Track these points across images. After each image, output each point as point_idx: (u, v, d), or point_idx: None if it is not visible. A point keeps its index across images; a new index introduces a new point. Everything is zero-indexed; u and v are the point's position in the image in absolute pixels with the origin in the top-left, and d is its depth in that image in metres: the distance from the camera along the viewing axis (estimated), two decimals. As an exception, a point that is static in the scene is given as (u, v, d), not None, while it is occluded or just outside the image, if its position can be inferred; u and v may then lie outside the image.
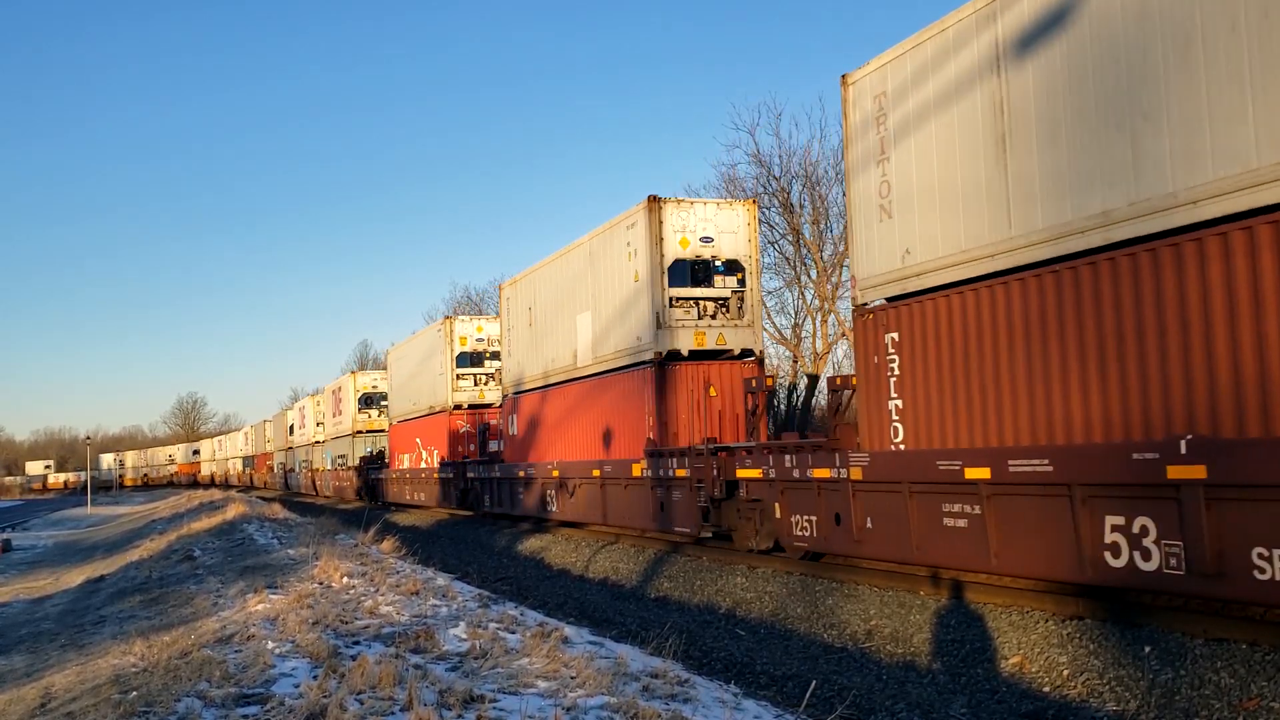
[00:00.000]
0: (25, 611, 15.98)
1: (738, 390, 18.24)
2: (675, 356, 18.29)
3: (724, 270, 18.69)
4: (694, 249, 18.57)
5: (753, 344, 18.81)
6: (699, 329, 18.45)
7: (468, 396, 32.16)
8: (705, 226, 18.75)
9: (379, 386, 46.83)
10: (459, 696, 6.53)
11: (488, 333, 32.52)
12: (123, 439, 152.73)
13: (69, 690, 8.21)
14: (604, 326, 20.49)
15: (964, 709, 8.46)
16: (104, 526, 43.33)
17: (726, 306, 18.81)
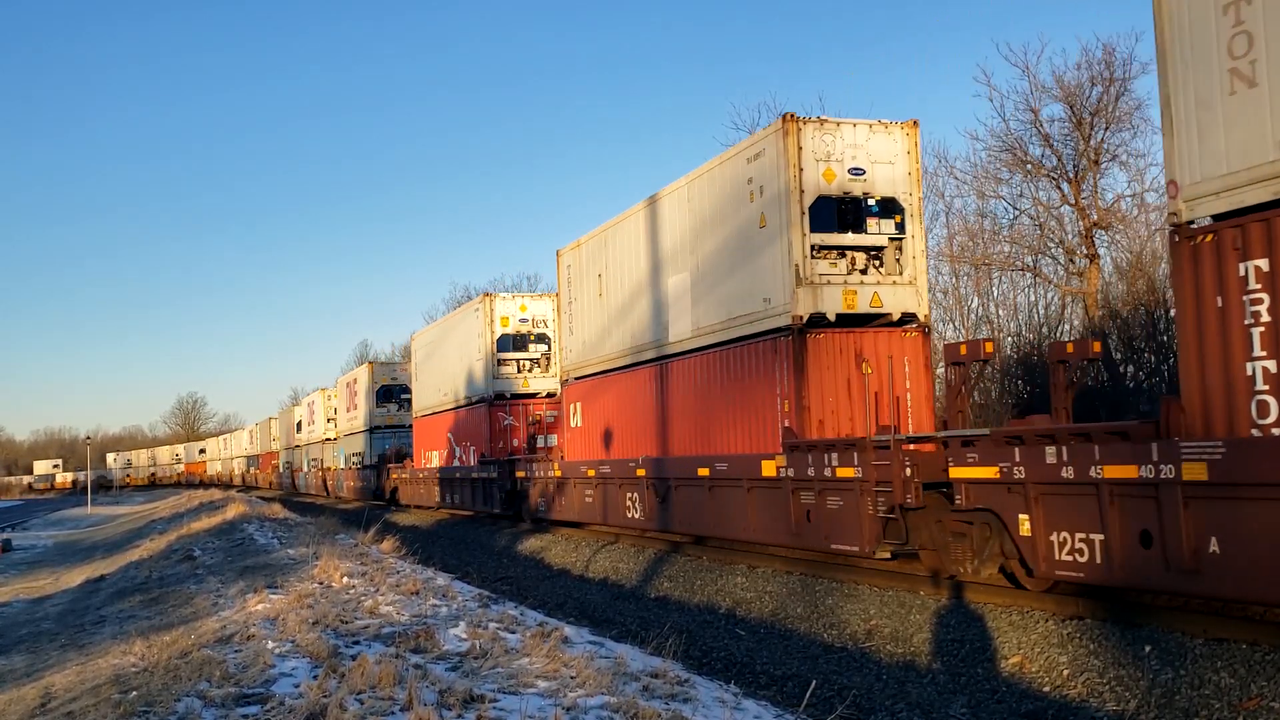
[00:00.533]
0: (25, 611, 15.98)
1: (897, 365, 14.47)
2: (819, 322, 14.21)
3: (878, 211, 14.76)
4: (841, 183, 14.47)
5: (915, 306, 14.75)
6: (848, 286, 14.40)
7: (511, 385, 28.31)
8: (855, 155, 14.64)
9: (399, 378, 42.94)
10: (459, 696, 6.53)
11: (533, 312, 28.47)
12: (123, 439, 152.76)
13: (69, 690, 8.21)
14: (710, 289, 16.48)
15: (964, 709, 8.46)
16: (104, 526, 43.34)
17: (881, 258, 14.86)
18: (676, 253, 17.53)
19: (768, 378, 14.76)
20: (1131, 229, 27.15)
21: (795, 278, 14.11)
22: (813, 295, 14.19)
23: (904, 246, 14.80)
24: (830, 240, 14.47)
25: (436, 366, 33.49)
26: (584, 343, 21.66)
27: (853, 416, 14.23)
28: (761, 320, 14.86)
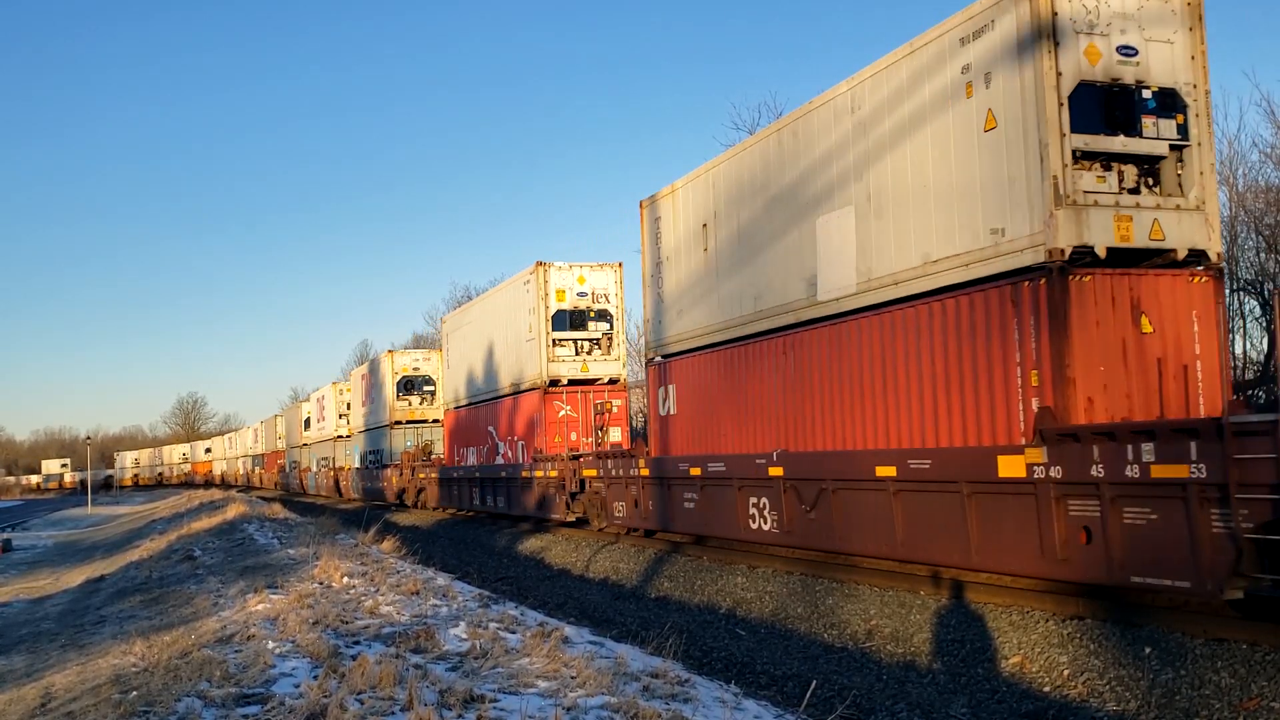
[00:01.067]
0: (25, 611, 15.98)
1: (1183, 322, 10.63)
2: (1081, 260, 10.26)
3: (1155, 107, 10.59)
4: (1107, 67, 10.45)
5: (1206, 241, 10.70)
6: (1120, 213, 10.39)
7: (568, 369, 24.40)
8: (1125, 29, 10.34)
9: (422, 368, 39.29)
10: (459, 696, 6.53)
11: (593, 284, 24.73)
12: (123, 439, 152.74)
13: (69, 690, 8.22)
14: (894, 227, 12.29)
15: (964, 709, 8.46)
16: (104, 526, 43.34)
17: (1156, 176, 10.87)
18: (837, 180, 13.32)
19: (995, 340, 10.81)
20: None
21: (1054, 195, 10.13)
22: (1077, 221, 10.21)
23: (1188, 157, 10.84)
24: (1096, 145, 10.47)
25: (473, 351, 29.90)
26: (682, 312, 17.76)
27: (1130, 393, 10.35)
28: (991, 260, 10.84)
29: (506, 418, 26.82)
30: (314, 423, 55.98)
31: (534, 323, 24.64)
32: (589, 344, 24.84)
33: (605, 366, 24.90)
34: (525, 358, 25.41)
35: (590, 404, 24.09)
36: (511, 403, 26.50)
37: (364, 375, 44.32)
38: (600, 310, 24.87)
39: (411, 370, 39.43)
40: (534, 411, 24.72)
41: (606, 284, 25.11)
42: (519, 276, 26.19)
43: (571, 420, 24.46)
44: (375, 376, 41.49)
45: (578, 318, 24.72)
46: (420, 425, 38.94)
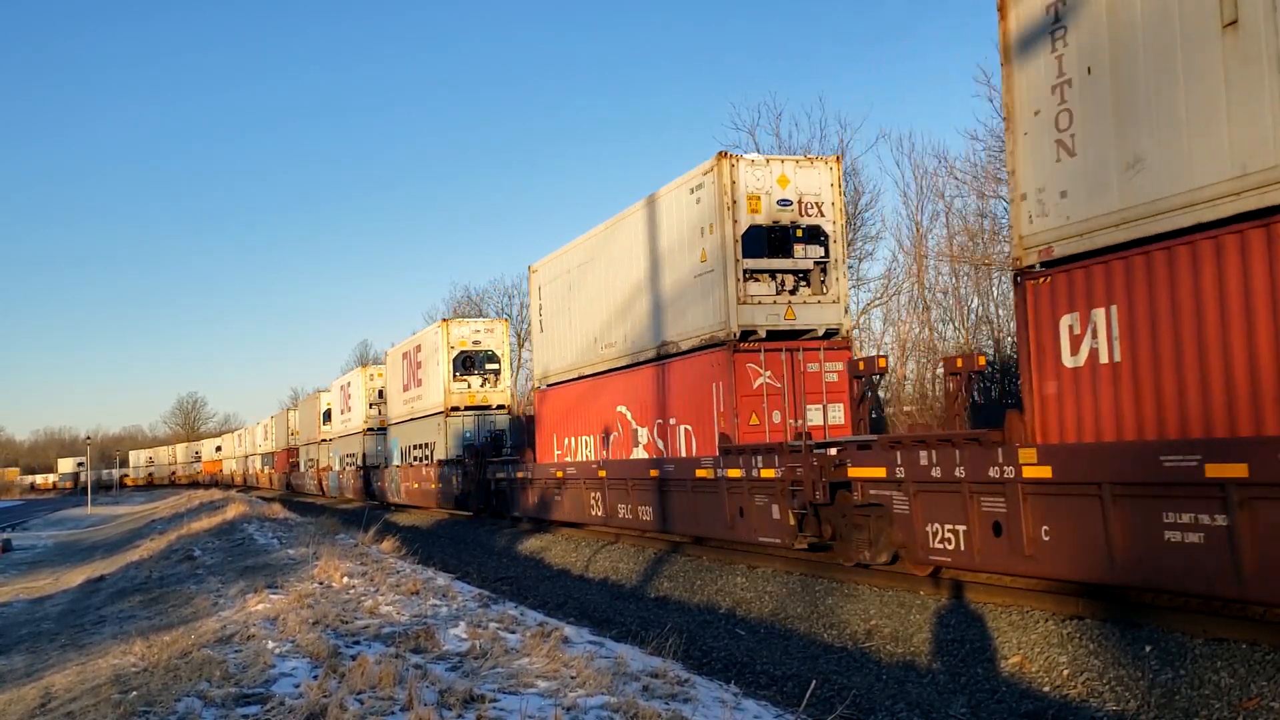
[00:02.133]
0: (25, 611, 15.98)
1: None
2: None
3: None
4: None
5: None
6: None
7: (767, 316, 16.26)
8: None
9: (484, 342, 32.51)
10: (459, 696, 6.53)
11: (801, 188, 16.59)
12: (123, 439, 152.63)
13: (69, 690, 8.22)
14: None
15: (964, 709, 8.47)
16: (104, 526, 43.34)
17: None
18: None
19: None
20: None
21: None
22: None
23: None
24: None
25: (591, 303, 21.64)
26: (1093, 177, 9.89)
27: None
28: None
29: (653, 393, 18.79)
30: (337, 415, 49.55)
31: (714, 246, 16.32)
32: (793, 279, 16.48)
33: (819, 312, 16.52)
34: (693, 302, 17.13)
35: (799, 368, 16.24)
36: (660, 372, 18.44)
37: (406, 354, 36.88)
38: (812, 227, 16.44)
39: (471, 344, 32.26)
40: (710, 380, 16.58)
41: (819, 187, 16.59)
42: (683, 181, 17.53)
43: (773, 392, 16.15)
44: (423, 353, 34.37)
45: (779, 240, 16.28)
46: (482, 412, 32.18)
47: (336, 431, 49.47)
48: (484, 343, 32.61)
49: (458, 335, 32.57)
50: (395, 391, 38.69)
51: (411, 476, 35.25)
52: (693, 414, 17.43)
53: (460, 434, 31.78)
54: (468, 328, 33.03)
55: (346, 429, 47.06)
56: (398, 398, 38.13)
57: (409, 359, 36.50)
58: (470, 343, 32.49)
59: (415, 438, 35.32)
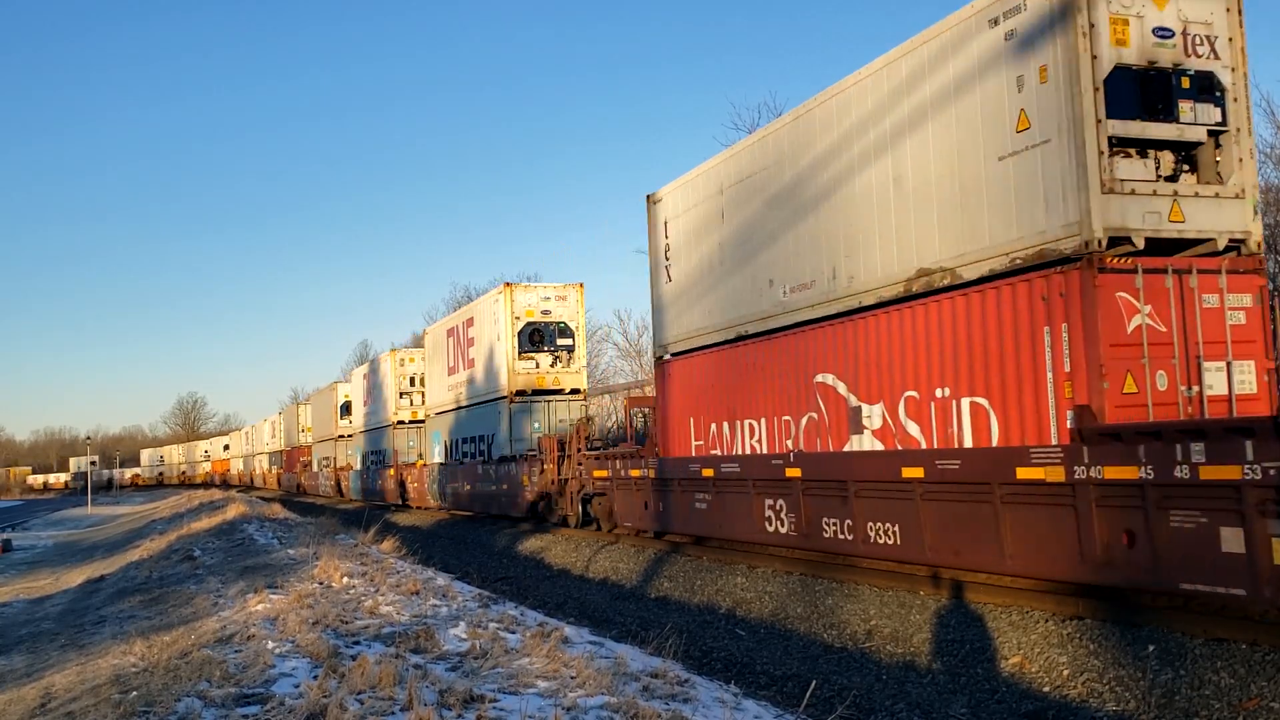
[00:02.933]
0: (25, 611, 15.98)
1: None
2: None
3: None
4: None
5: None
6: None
7: (1145, 215, 9.84)
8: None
9: (555, 312, 26.71)
10: (459, 696, 6.53)
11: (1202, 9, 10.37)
12: (123, 439, 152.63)
13: (69, 690, 8.22)
14: None
15: (964, 709, 8.46)
16: (104, 527, 43.34)
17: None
18: None
19: None
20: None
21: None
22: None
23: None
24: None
25: (767, 229, 15.17)
26: None
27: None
28: None
29: (899, 350, 12.20)
30: (358, 407, 44.48)
31: (1043, 102, 10.18)
32: (1174, 158, 10.43)
33: (1216, 211, 10.26)
34: (996, 199, 10.82)
35: (1191, 301, 9.89)
36: (917, 316, 11.88)
37: (452, 330, 31.56)
38: (1202, 74, 10.28)
39: (540, 314, 26.65)
40: (1038, 322, 10.32)
41: (1209, 12, 10.49)
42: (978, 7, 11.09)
43: (1157, 340, 9.81)
44: (476, 328, 28.82)
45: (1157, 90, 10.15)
46: (551, 397, 26.60)
47: (358, 425, 44.35)
48: (555, 313, 26.61)
49: (524, 303, 26.49)
50: (437, 375, 33.05)
51: (462, 476, 29.25)
52: (992, 380, 10.87)
53: (530, 425, 26.17)
54: (535, 294, 26.84)
55: (371, 422, 41.62)
56: (440, 383, 32.69)
57: (456, 336, 30.86)
58: (539, 312, 26.59)
59: (466, 429, 29.85)
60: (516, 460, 24.77)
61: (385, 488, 38.46)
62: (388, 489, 38.02)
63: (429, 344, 35.10)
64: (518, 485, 24.34)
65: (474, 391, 29.19)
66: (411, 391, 37.81)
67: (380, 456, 39.97)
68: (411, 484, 35.01)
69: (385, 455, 39.18)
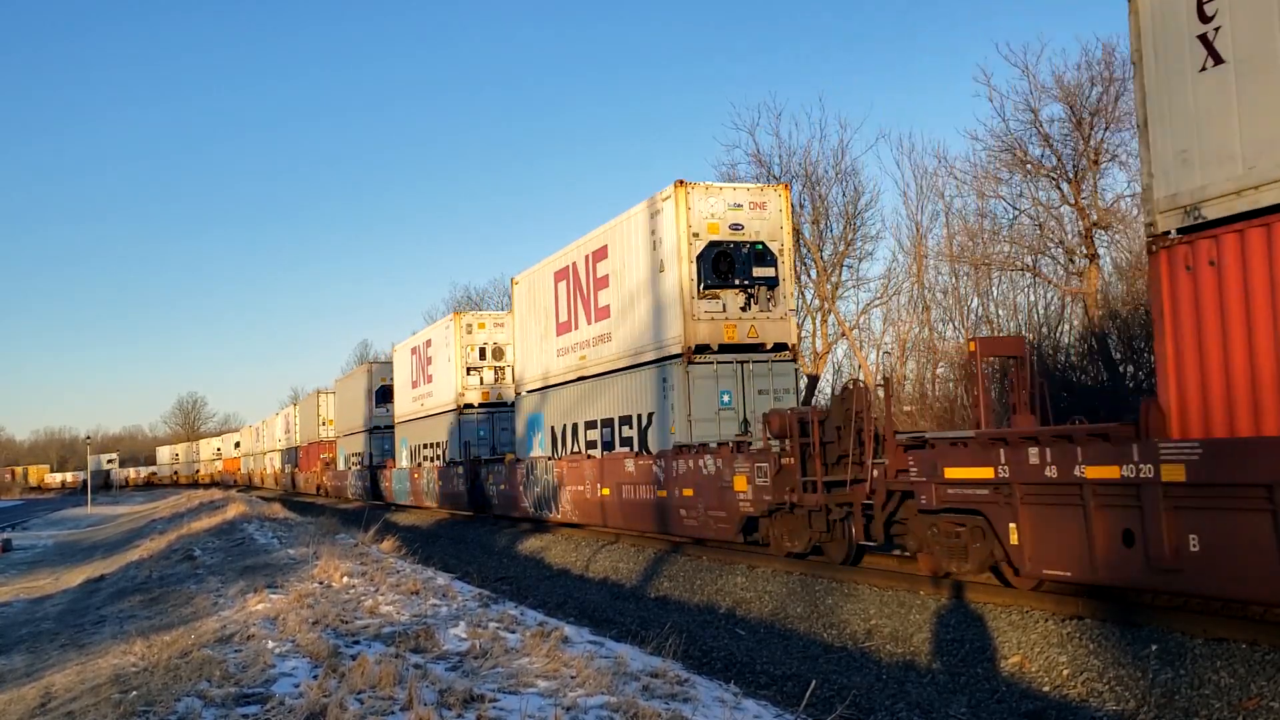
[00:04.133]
0: (25, 611, 15.98)
1: None
2: None
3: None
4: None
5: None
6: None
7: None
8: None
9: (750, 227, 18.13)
10: (459, 696, 6.53)
11: None
12: (123, 439, 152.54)
13: (69, 690, 8.22)
14: None
15: (964, 709, 8.46)
16: (104, 526, 43.34)
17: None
18: None
19: None
20: (1131, 229, 27.20)
21: None
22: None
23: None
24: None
25: None
26: None
27: None
28: None
29: None
30: (404, 391, 36.62)
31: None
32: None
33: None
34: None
35: None
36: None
37: (563, 271, 23.03)
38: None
39: (729, 230, 17.97)
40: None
41: None
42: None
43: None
44: (613, 258, 20.48)
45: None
46: (748, 357, 18.05)
47: (404, 413, 36.33)
48: (750, 228, 18.08)
49: (703, 212, 17.86)
50: (531, 341, 25.21)
51: (600, 475, 20.00)
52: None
53: (713, 397, 17.81)
54: (721, 199, 18.05)
55: (424, 408, 33.83)
56: (538, 349, 24.67)
57: (570, 277, 22.56)
58: (727, 227, 17.89)
59: (587, 409, 21.78)
60: (713, 451, 16.24)
61: (444, 490, 30.17)
62: (448, 491, 29.73)
63: (517, 298, 26.47)
64: (722, 491, 15.71)
65: (603, 355, 20.87)
66: (484, 367, 30.58)
67: (437, 450, 32.14)
68: (495, 485, 26.03)
69: (440, 448, 31.58)
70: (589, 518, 20.72)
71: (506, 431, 29.24)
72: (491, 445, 30.00)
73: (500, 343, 30.27)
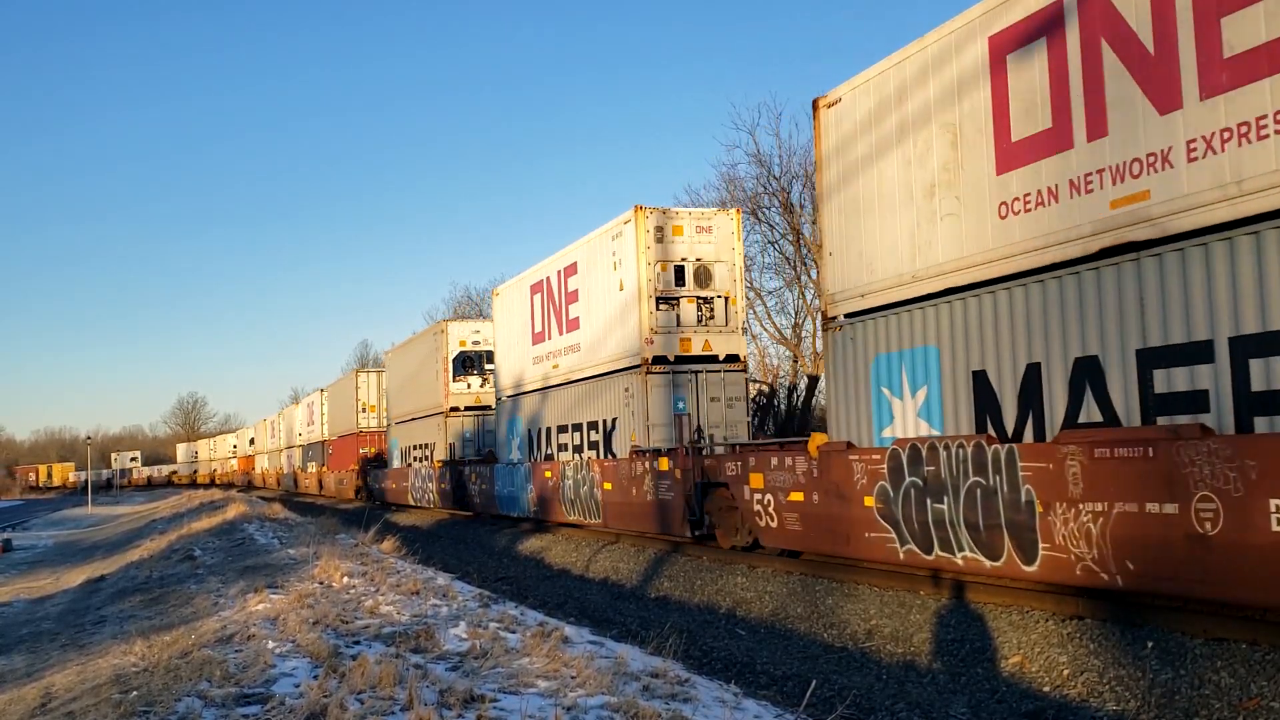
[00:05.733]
0: (25, 611, 15.98)
1: None
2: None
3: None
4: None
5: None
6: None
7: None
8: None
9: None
10: (459, 696, 6.53)
11: None
12: (123, 439, 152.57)
13: (69, 690, 8.22)
14: None
15: (964, 709, 8.46)
16: (104, 526, 43.34)
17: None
18: None
19: None
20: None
21: None
22: None
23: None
24: None
25: None
26: None
27: None
28: None
29: None
30: (508, 350, 25.76)
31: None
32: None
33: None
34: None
35: None
36: None
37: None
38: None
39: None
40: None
41: None
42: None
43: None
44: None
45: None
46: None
47: (512, 382, 25.41)
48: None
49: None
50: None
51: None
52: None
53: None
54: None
55: (561, 371, 22.30)
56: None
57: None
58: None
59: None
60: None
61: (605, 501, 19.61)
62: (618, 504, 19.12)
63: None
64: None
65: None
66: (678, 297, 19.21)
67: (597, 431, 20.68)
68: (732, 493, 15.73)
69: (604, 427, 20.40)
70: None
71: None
72: None
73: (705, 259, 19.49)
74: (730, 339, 19.33)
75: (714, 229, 19.42)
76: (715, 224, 19.52)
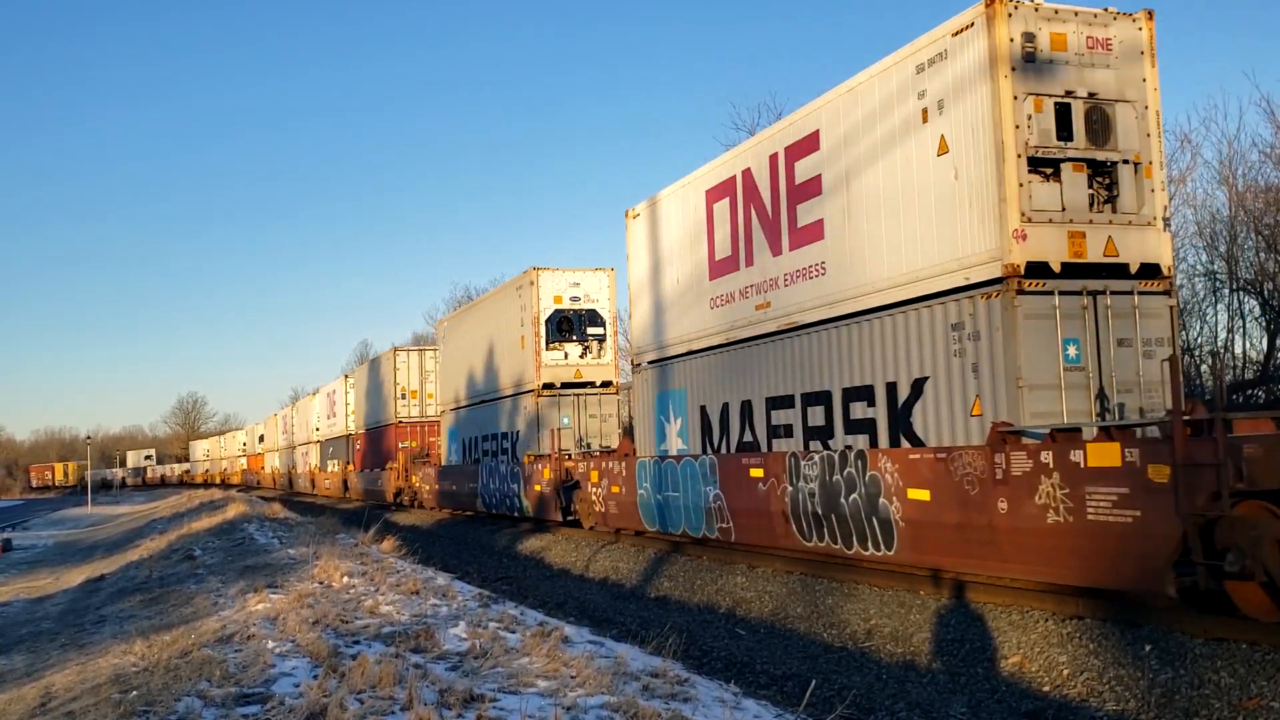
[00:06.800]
0: (25, 611, 15.98)
1: None
2: None
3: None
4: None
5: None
6: None
7: None
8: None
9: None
10: (459, 696, 6.52)
11: None
12: (123, 439, 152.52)
13: (69, 690, 8.22)
14: None
15: (964, 708, 8.46)
16: (104, 526, 43.35)
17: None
18: None
19: None
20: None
21: None
22: None
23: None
24: None
25: None
26: None
27: None
28: None
29: None
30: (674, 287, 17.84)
31: None
32: None
33: None
34: None
35: None
36: None
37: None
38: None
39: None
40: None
41: None
42: None
43: None
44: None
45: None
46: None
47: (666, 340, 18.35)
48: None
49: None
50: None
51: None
52: None
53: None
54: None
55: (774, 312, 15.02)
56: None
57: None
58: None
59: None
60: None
61: None
62: None
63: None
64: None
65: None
66: None
67: None
68: None
69: None
70: None
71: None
72: None
73: None
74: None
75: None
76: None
